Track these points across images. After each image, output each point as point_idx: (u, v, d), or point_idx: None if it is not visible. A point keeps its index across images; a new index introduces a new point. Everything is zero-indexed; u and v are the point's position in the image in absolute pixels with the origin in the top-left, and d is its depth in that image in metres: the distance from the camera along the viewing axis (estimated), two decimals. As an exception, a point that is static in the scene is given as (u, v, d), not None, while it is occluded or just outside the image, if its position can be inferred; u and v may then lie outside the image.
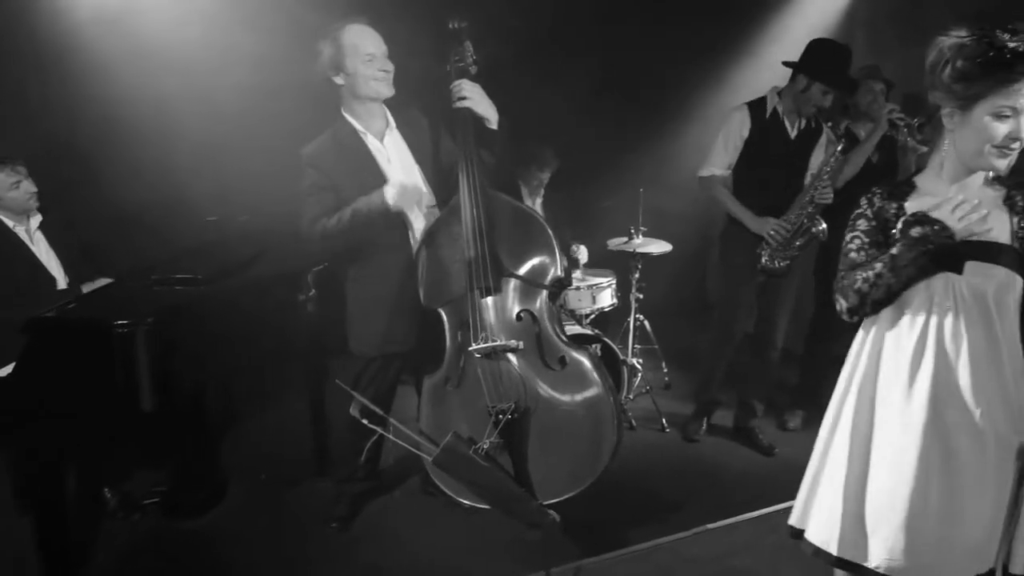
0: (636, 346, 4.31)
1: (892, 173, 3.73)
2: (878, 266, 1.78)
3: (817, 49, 3.42)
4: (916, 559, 1.79)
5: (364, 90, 2.71)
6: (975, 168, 1.79)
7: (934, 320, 1.78)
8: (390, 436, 2.59)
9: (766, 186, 3.50)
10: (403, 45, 2.78)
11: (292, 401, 3.73)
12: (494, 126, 2.76)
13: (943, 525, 1.77)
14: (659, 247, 4.13)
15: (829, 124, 3.54)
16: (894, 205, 1.85)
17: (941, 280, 1.78)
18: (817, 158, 3.54)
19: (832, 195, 3.39)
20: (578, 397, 2.67)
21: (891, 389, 1.84)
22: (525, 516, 2.65)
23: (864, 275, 1.80)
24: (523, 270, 2.72)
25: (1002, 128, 1.68)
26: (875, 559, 1.83)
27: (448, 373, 2.73)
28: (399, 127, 2.84)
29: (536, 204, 4.63)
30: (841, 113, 3.83)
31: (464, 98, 2.70)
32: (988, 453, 1.77)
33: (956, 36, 1.69)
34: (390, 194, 2.63)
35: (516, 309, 2.70)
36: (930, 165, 1.88)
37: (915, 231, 1.73)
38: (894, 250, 1.76)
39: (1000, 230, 1.77)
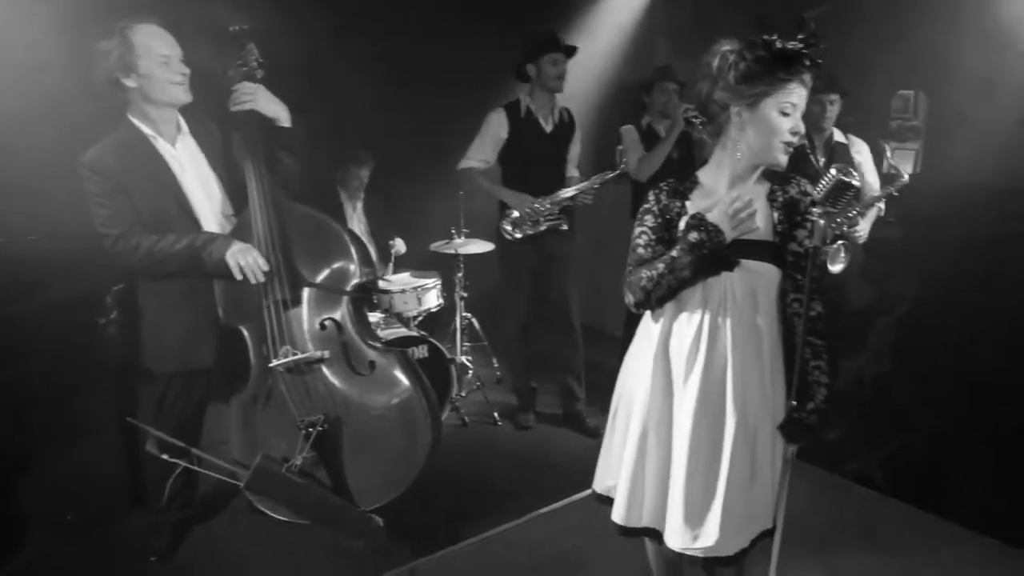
0: (465, 344, 4.37)
1: (691, 168, 4.02)
2: (660, 266, 1.88)
3: (536, 36, 3.76)
4: (704, 531, 1.93)
5: (160, 94, 2.54)
6: (762, 163, 1.92)
7: (708, 314, 1.92)
8: (195, 468, 2.48)
9: (529, 176, 3.76)
10: (188, 49, 2.64)
11: (99, 431, 3.47)
12: (287, 124, 2.68)
13: (716, 497, 1.91)
14: (481, 247, 4.20)
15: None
16: (678, 203, 1.97)
17: (715, 277, 1.91)
18: (573, 150, 3.91)
19: (591, 200, 3.78)
20: (390, 400, 2.68)
21: (674, 378, 1.97)
22: (348, 526, 2.63)
23: (648, 274, 1.90)
24: (322, 278, 2.68)
25: (786, 123, 1.84)
26: (672, 540, 1.96)
27: (255, 391, 2.66)
28: (192, 133, 2.69)
29: (357, 209, 4.59)
30: (640, 111, 4.09)
31: (245, 101, 2.60)
32: (750, 435, 1.93)
33: (735, 43, 1.85)
34: (231, 252, 2.50)
35: (319, 319, 2.66)
36: (712, 160, 2.01)
37: (693, 236, 1.84)
38: (674, 252, 1.87)
39: (763, 227, 1.91)
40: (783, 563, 2.15)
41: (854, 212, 3.57)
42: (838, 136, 3.76)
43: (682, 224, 1.92)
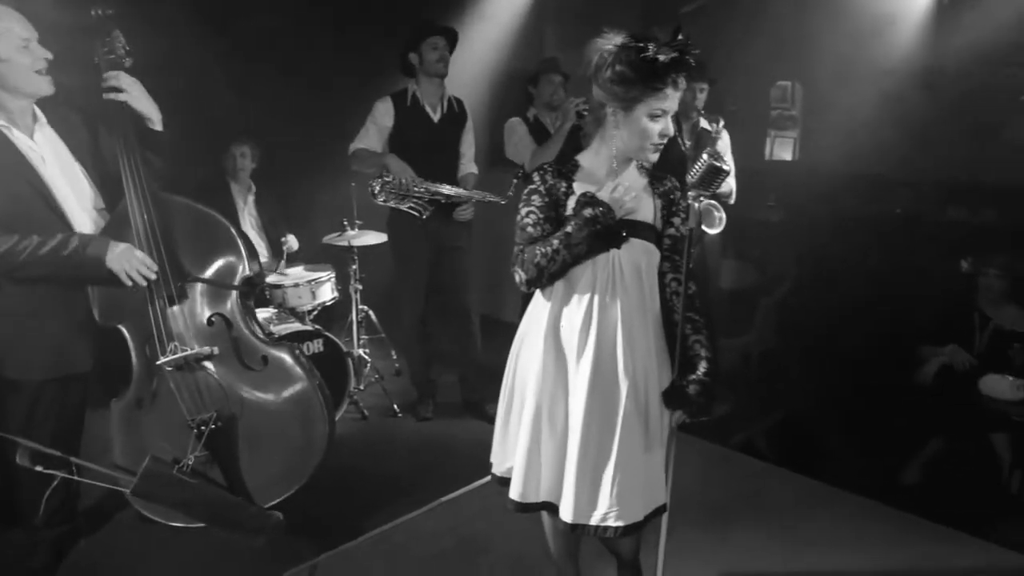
0: (363, 337, 4.32)
1: None
2: (555, 242, 1.93)
3: (414, 24, 3.76)
4: (599, 503, 1.99)
5: (20, 83, 2.35)
6: (633, 159, 2.02)
7: (598, 292, 1.99)
8: (75, 478, 2.35)
9: (417, 165, 3.69)
10: (46, 33, 2.47)
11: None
12: (158, 127, 2.56)
13: (609, 471, 1.98)
14: (374, 238, 4.15)
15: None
16: (563, 184, 2.01)
17: (603, 255, 1.98)
18: (467, 141, 3.90)
19: (469, 216, 3.83)
20: (284, 394, 2.63)
21: (567, 354, 2.02)
22: (246, 524, 2.54)
23: (543, 250, 1.94)
24: (208, 272, 2.59)
25: (656, 127, 1.92)
26: (567, 513, 2.01)
27: (138, 393, 2.54)
28: (51, 123, 2.50)
29: (248, 203, 4.46)
30: (527, 103, 4.10)
31: (119, 90, 2.46)
32: (641, 409, 2.01)
33: (613, 42, 1.88)
34: (113, 256, 2.36)
35: (206, 314, 2.58)
36: (590, 147, 2.06)
37: (587, 212, 1.91)
38: (568, 228, 1.93)
39: (646, 211, 2.03)
40: (675, 534, 2.26)
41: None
42: (703, 123, 3.92)
43: (571, 203, 1.98)
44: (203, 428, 2.49)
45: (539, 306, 2.09)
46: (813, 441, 3.89)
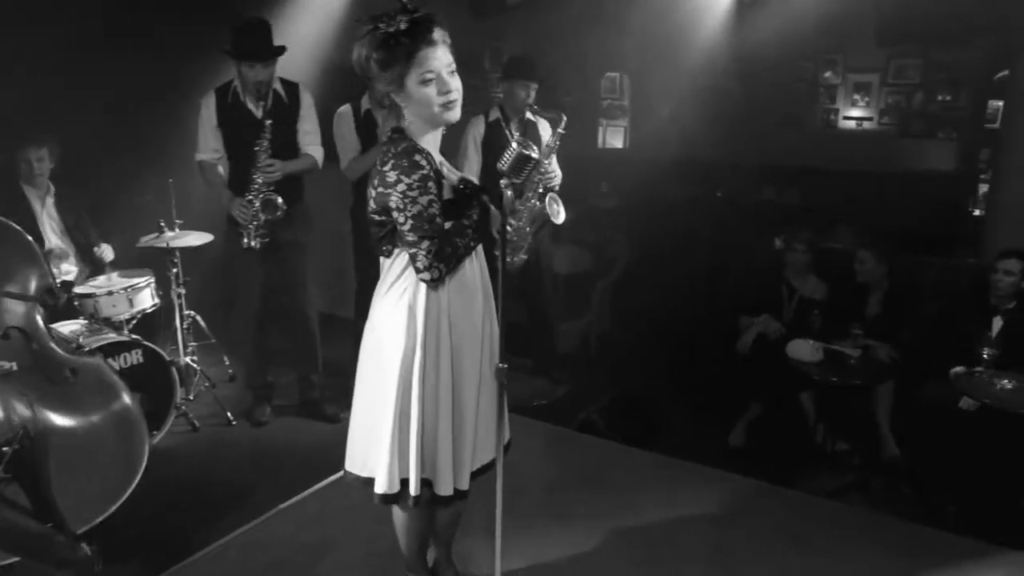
0: (191, 344, 4.08)
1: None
2: (469, 232, 1.96)
3: (239, 30, 3.48)
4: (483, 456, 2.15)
5: None
6: (439, 124, 2.01)
7: (481, 276, 2.09)
8: None
9: (244, 164, 3.55)
10: None
11: None
12: None
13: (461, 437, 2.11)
14: (198, 238, 3.92)
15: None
16: (435, 166, 1.97)
17: None
18: (303, 129, 3.70)
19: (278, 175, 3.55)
20: (96, 408, 2.50)
21: (451, 338, 2.04)
22: (52, 555, 2.35)
23: (462, 242, 1.95)
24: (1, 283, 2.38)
25: (432, 90, 1.92)
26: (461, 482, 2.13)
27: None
28: None
29: (47, 205, 4.08)
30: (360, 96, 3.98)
31: None
32: (485, 374, 2.10)
33: (360, 36, 1.91)
34: None
35: (1, 328, 2.36)
36: (408, 128, 2.01)
37: (485, 196, 1.96)
38: (475, 215, 1.97)
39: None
40: (514, 515, 2.30)
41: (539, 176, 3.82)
42: (529, 115, 4.01)
43: (447, 190, 1.97)
44: (5, 449, 2.28)
45: (415, 299, 2.01)
46: (649, 415, 4.08)
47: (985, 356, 3.38)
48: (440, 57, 1.91)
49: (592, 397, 4.15)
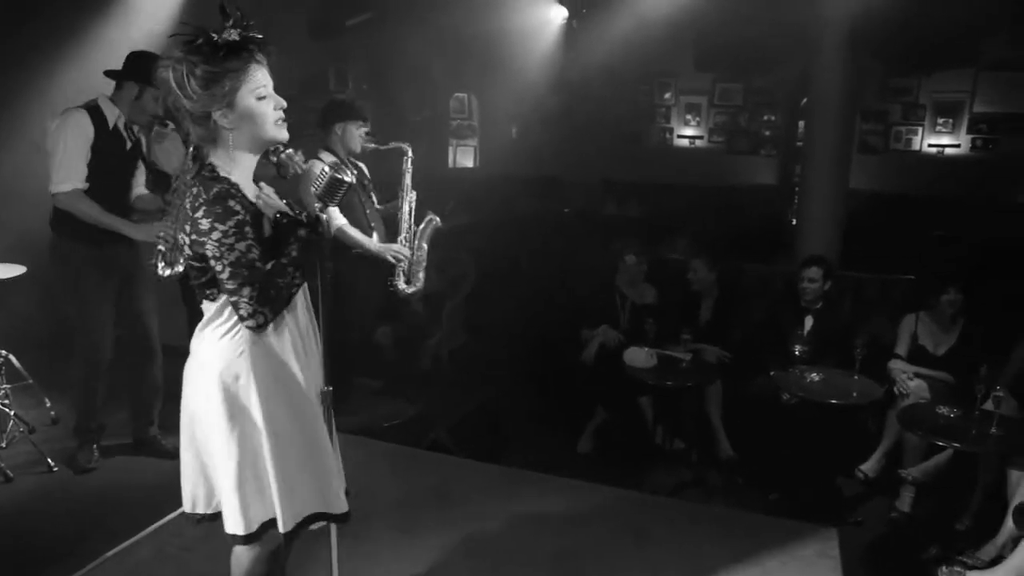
0: (4, 386, 3.73)
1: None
2: (290, 270, 1.86)
3: (139, 58, 3.32)
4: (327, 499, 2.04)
5: None
6: (269, 143, 1.92)
7: (307, 303, 2.01)
8: None
9: (115, 194, 3.35)
10: None
11: None
12: None
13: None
14: (8, 271, 3.62)
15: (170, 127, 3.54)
16: (247, 205, 1.84)
17: None
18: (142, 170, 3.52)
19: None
20: None
21: (300, 369, 1.97)
22: None
23: (284, 282, 1.85)
24: None
25: (268, 105, 1.86)
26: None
27: None
28: None
29: None
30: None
31: None
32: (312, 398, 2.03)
33: (175, 57, 1.78)
34: None
35: None
36: (217, 157, 1.89)
37: (302, 232, 1.88)
38: (294, 253, 1.87)
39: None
40: (359, 536, 2.25)
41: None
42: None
43: (266, 225, 1.88)
44: None
45: (242, 338, 1.91)
46: (500, 430, 4.15)
47: (797, 353, 3.70)
48: (267, 75, 1.87)
49: (444, 415, 4.17)
